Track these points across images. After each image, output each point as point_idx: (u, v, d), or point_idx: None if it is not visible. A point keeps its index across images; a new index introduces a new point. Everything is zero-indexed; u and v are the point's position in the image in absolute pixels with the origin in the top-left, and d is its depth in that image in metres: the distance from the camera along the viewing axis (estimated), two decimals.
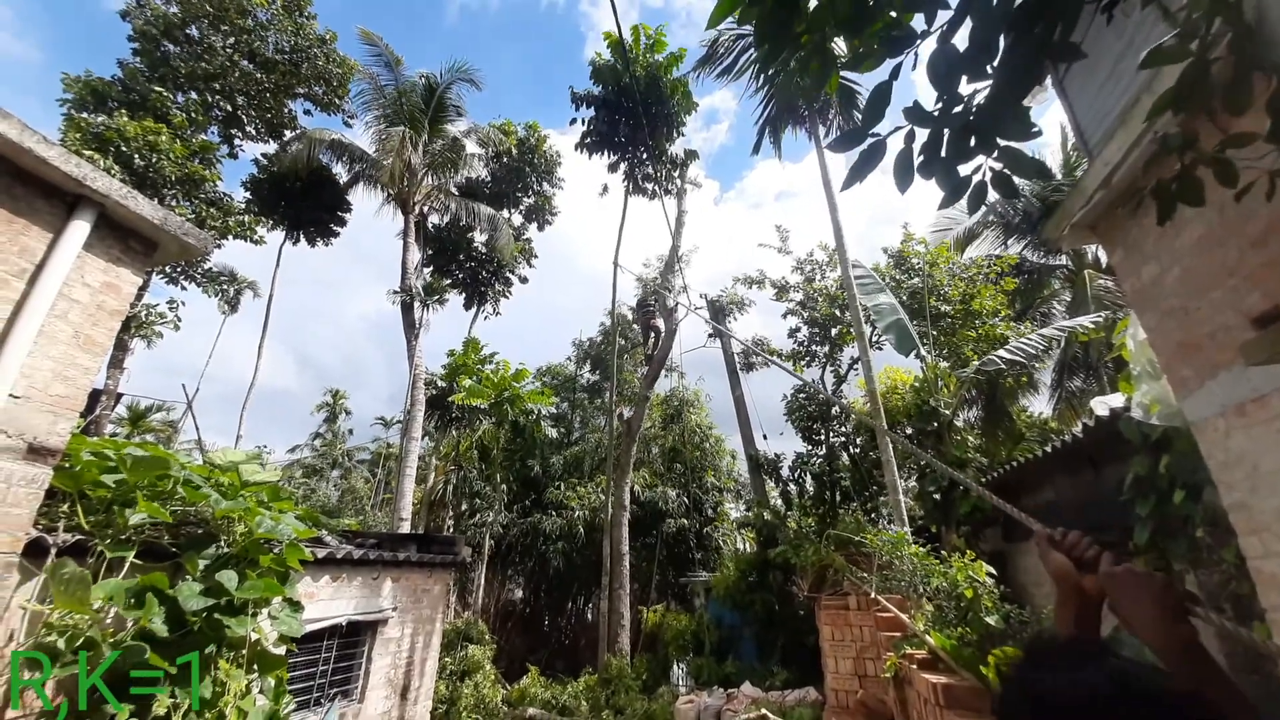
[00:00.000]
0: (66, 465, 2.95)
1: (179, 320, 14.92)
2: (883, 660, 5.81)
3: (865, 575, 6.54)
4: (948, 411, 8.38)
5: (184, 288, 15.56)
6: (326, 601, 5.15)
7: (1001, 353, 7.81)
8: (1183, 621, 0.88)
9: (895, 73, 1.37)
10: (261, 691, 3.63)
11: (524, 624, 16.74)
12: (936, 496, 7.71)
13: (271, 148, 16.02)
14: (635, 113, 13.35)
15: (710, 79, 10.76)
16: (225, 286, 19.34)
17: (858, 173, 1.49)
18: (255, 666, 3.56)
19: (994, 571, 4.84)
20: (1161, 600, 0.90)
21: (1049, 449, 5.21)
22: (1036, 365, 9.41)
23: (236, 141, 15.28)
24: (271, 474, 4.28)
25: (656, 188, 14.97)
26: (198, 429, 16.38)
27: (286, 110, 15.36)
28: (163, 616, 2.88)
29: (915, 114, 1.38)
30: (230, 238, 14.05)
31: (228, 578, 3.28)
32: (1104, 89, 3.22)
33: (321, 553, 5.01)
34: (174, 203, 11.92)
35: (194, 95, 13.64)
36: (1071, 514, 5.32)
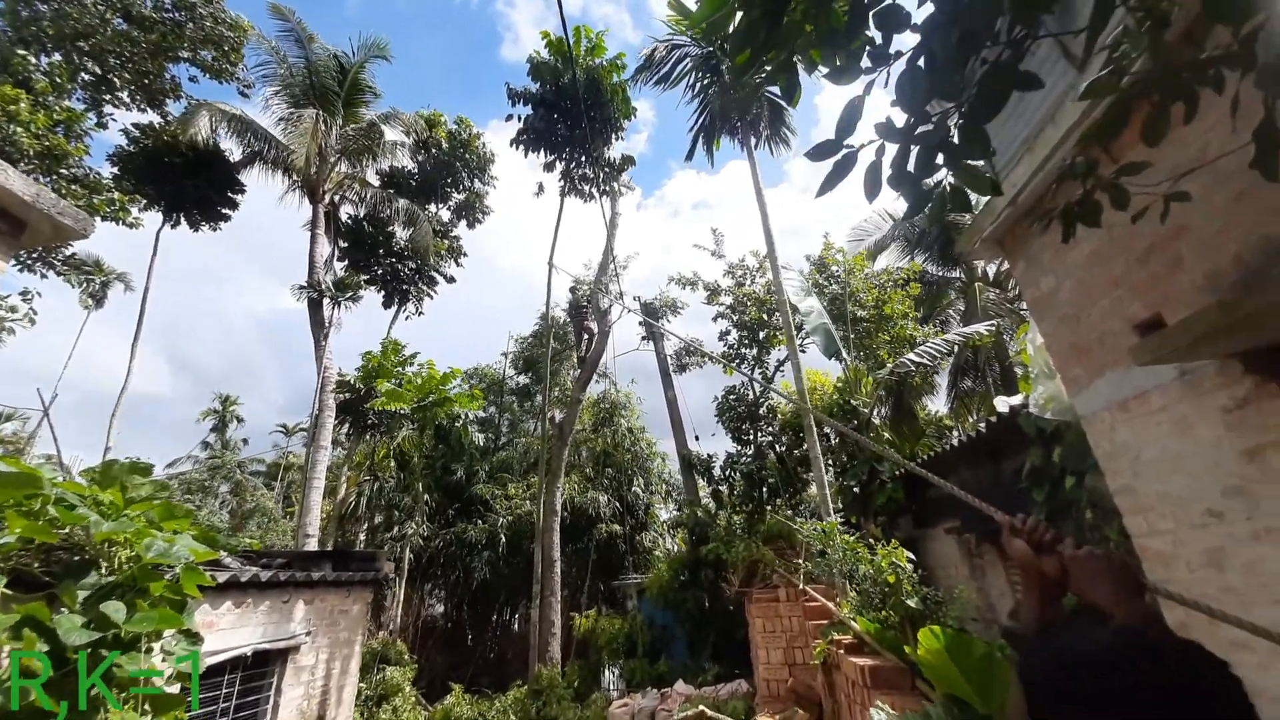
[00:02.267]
0: None
1: (34, 315, 12.86)
2: (811, 648, 6.11)
3: (796, 565, 6.86)
4: (866, 410, 9.00)
5: (43, 276, 13.43)
6: (229, 631, 4.62)
7: (912, 355, 8.52)
8: (1140, 596, 0.98)
9: (868, 88, 1.44)
10: None
11: (446, 641, 15.97)
12: (856, 490, 8.23)
13: (149, 118, 14.19)
14: (574, 113, 13.21)
15: (648, 86, 10.92)
16: (91, 277, 16.93)
17: (831, 182, 1.55)
18: (149, 707, 3.13)
19: (913, 557, 5.24)
20: (1119, 578, 1.00)
21: (958, 442, 5.72)
22: (939, 367, 10.34)
23: (107, 110, 13.40)
24: (158, 487, 3.79)
25: (593, 189, 14.90)
26: (56, 440, 14.20)
27: (169, 76, 13.66)
28: (45, 652, 2.46)
29: (886, 130, 1.45)
30: (98, 219, 12.30)
31: (114, 609, 2.85)
32: (1010, 119, 3.58)
33: (223, 576, 4.49)
34: (31, 179, 10.27)
35: (58, 58, 11.84)
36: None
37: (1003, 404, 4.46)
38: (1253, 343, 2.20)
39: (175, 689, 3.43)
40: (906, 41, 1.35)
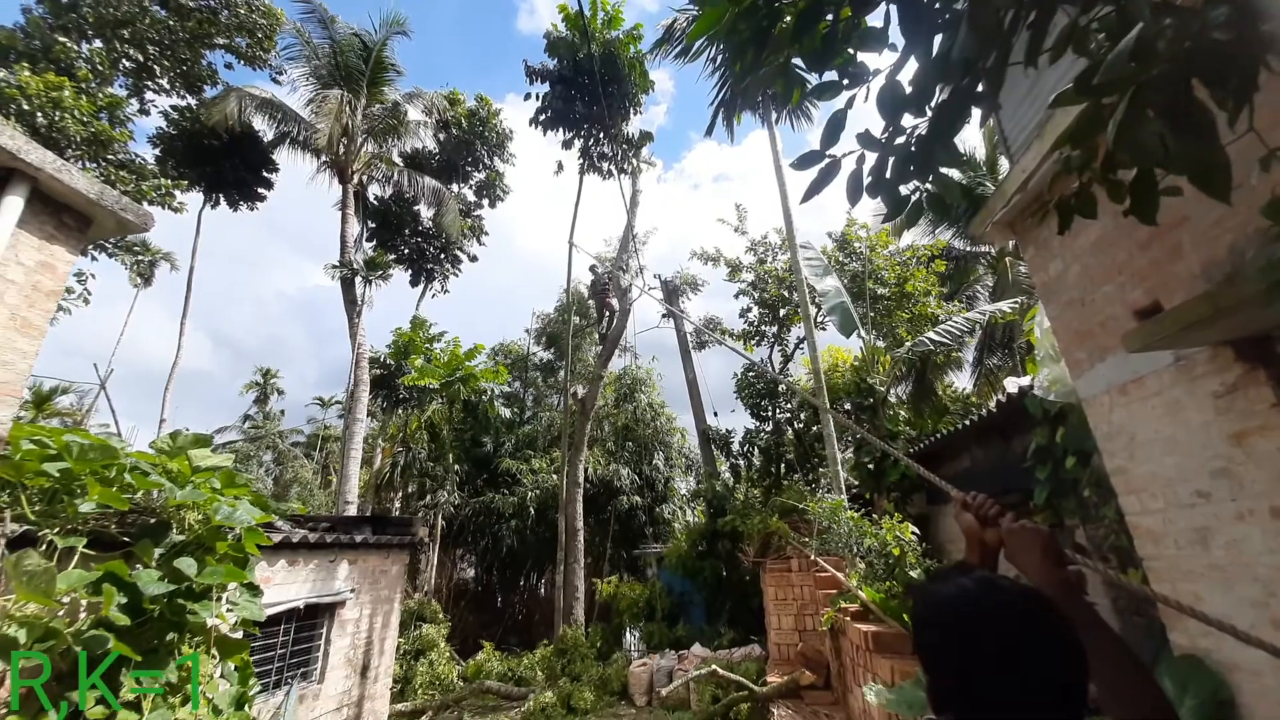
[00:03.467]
0: (6, 454, 2.81)
1: (88, 295, 13.64)
2: (820, 615, 6.37)
3: (806, 540, 7.08)
4: (883, 389, 9.03)
5: (94, 258, 14.19)
6: (282, 585, 5.09)
7: (931, 334, 8.48)
8: (1060, 566, 1.12)
9: (850, 103, 1.57)
10: (224, 676, 3.62)
11: (477, 602, 16.82)
12: (870, 466, 8.36)
13: (186, 102, 14.67)
14: (593, 89, 13.12)
15: (668, 60, 10.77)
16: (140, 257, 17.77)
17: (816, 188, 1.68)
18: (217, 652, 3.55)
19: (918, 531, 5.40)
20: (1045, 549, 1.14)
21: (967, 423, 5.79)
22: (964, 343, 10.24)
23: (148, 96, 13.89)
24: (222, 459, 4.17)
25: (612, 166, 14.87)
26: (113, 412, 15.21)
27: (205, 62, 14.06)
28: (123, 605, 2.84)
29: (866, 140, 1.58)
30: (145, 204, 12.90)
31: (187, 564, 3.24)
32: (1023, 104, 3.57)
33: (276, 537, 4.93)
34: (80, 165, 10.81)
35: (99, 45, 12.27)
36: (984, 479, 5.96)
37: (1012, 384, 4.52)
38: (1240, 331, 2.26)
39: (239, 635, 3.88)
40: (887, 58, 1.47)
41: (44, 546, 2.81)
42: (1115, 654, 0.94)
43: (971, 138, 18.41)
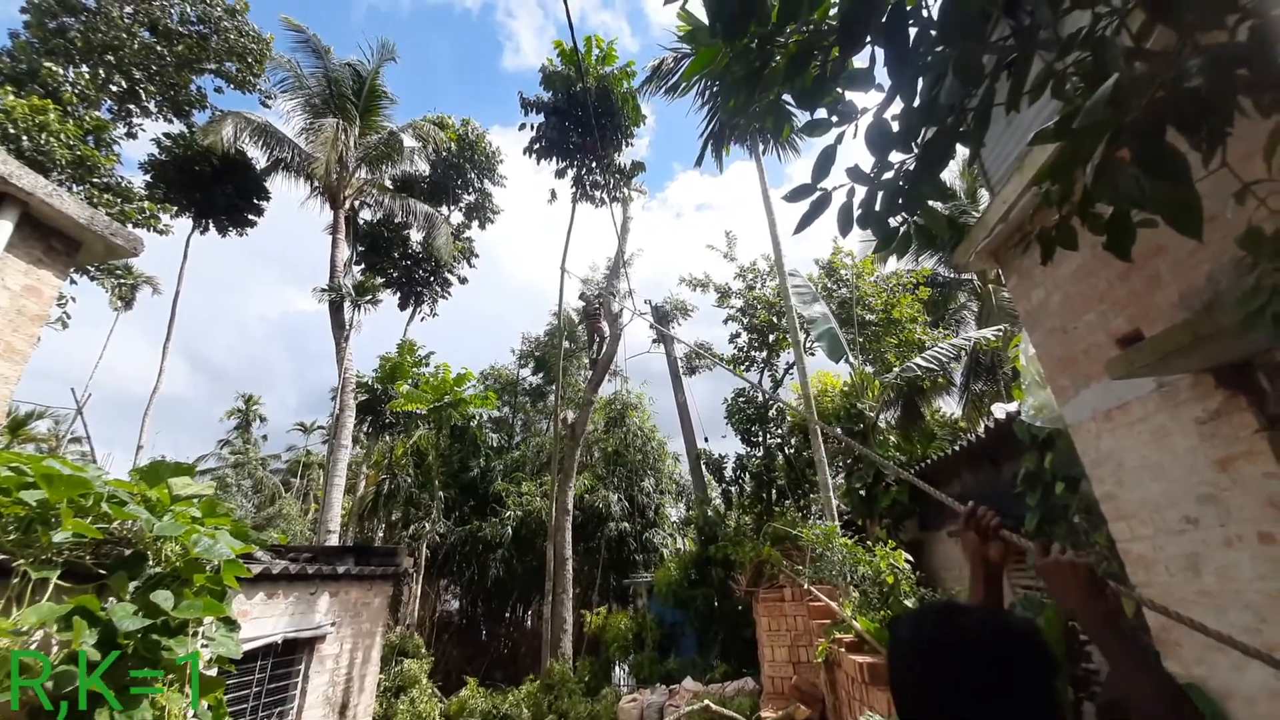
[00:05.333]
0: None
1: (67, 318, 13.41)
2: (815, 646, 6.26)
3: (800, 568, 7.00)
4: (872, 414, 9.09)
5: (74, 281, 13.98)
6: (260, 619, 4.91)
7: (919, 360, 8.59)
8: (1103, 599, 1.08)
9: (839, 139, 1.62)
10: (197, 716, 3.46)
11: (461, 636, 16.32)
12: (862, 492, 8.34)
13: (175, 127, 14.75)
14: (586, 121, 13.45)
15: (658, 95, 11.13)
16: (122, 281, 17.57)
17: (807, 220, 1.72)
18: (190, 690, 3.40)
19: (911, 559, 5.37)
20: (1087, 582, 1.10)
21: (957, 448, 5.83)
22: (951, 369, 10.38)
23: (135, 120, 13.95)
24: (204, 487, 4.06)
25: (605, 195, 15.13)
26: (89, 438, 14.78)
27: (195, 87, 14.19)
28: (95, 639, 2.72)
29: (855, 174, 1.63)
30: (129, 226, 12.82)
31: (163, 598, 3.12)
32: (1003, 137, 3.71)
33: (256, 569, 4.77)
34: (66, 188, 10.75)
35: (85, 69, 12.35)
36: (975, 504, 5.97)
37: (1000, 410, 4.57)
38: (1220, 359, 2.32)
39: (213, 672, 3.72)
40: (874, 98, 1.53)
41: (17, 577, 2.70)
42: (1174, 697, 0.89)
43: (951, 169, 19.04)
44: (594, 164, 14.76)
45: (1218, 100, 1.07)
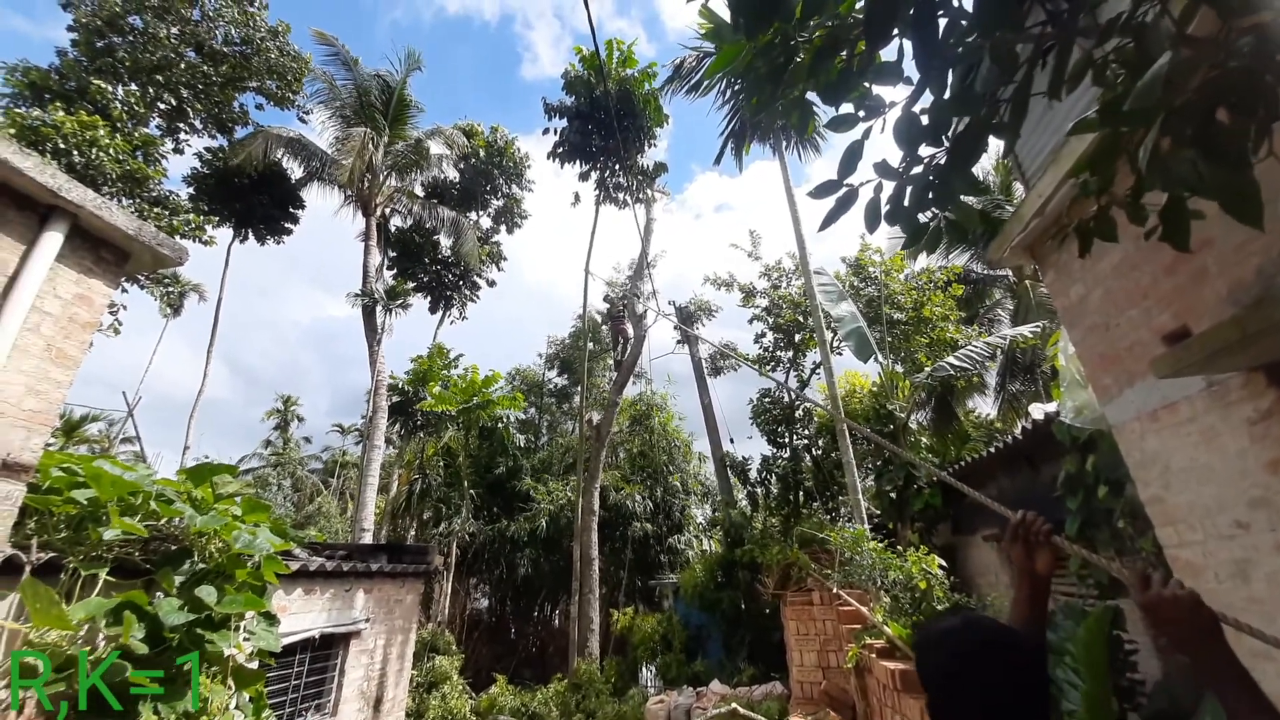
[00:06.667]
0: (35, 482, 2.88)
1: (119, 325, 14.10)
2: (844, 651, 6.14)
3: (828, 571, 6.88)
4: (903, 415, 8.87)
5: (124, 289, 14.70)
6: (298, 615, 5.07)
7: (952, 359, 8.35)
8: (1222, 641, 0.96)
9: (866, 134, 1.59)
10: (238, 707, 3.59)
11: (491, 633, 16.55)
12: (892, 495, 8.15)
13: (218, 142, 15.40)
14: (609, 124, 13.55)
15: (679, 95, 11.12)
16: (170, 289, 18.39)
17: (833, 216, 1.69)
18: (232, 682, 3.53)
19: (944, 564, 5.22)
20: (1205, 622, 0.97)
21: (992, 450, 5.65)
22: (985, 368, 10.08)
23: (182, 136, 14.61)
24: (243, 485, 4.23)
25: (628, 197, 15.19)
26: (139, 440, 15.50)
27: (237, 104, 14.81)
28: (142, 633, 2.85)
29: (883, 169, 1.60)
30: (176, 238, 13.43)
31: (207, 593, 3.25)
32: (1038, 129, 3.58)
33: (294, 565, 4.93)
34: (116, 201, 11.31)
35: (134, 87, 12.97)
36: (1012, 508, 5.78)
37: (1038, 410, 4.41)
38: (1271, 356, 2.19)
39: (254, 665, 3.85)
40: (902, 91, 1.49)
41: (68, 574, 2.85)
42: None
43: (982, 162, 18.47)
44: (617, 166, 14.83)
45: (1271, 83, 1.02)
